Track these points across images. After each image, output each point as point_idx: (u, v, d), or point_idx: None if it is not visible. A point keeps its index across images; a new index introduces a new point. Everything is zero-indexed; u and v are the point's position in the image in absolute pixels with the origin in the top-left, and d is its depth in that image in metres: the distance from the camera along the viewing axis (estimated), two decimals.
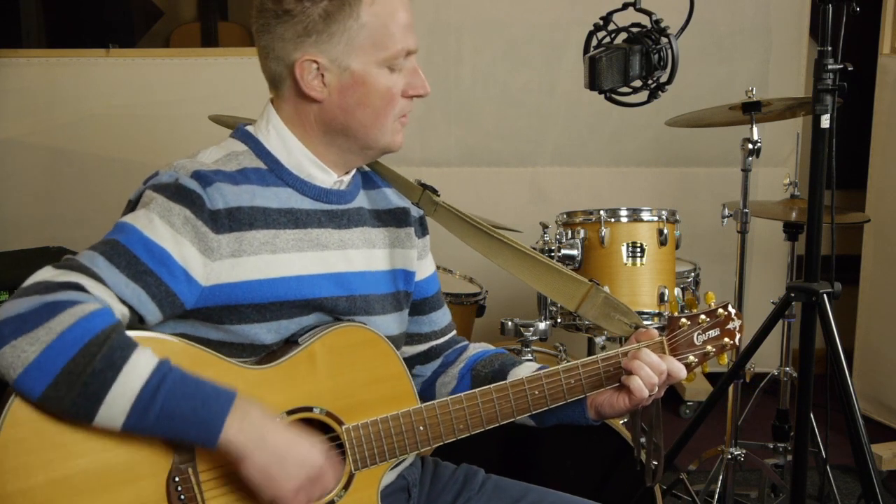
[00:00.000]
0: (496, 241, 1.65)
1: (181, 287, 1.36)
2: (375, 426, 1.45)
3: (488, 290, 2.85)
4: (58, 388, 1.21)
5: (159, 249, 1.34)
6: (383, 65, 1.45)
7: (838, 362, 2.10)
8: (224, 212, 1.39)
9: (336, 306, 1.49)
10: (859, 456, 2.09)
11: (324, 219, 1.52)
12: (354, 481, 1.45)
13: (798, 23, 3.77)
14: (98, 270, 1.30)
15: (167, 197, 1.38)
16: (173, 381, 1.26)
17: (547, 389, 1.52)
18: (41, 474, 1.23)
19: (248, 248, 1.41)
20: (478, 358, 1.68)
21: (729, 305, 1.64)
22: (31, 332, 1.21)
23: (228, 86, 3.52)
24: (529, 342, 2.42)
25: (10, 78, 3.50)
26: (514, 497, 1.62)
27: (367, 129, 1.48)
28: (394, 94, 1.47)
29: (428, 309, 1.70)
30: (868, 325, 3.69)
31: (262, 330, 1.42)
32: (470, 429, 1.50)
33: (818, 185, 2.09)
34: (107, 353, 1.23)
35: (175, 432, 1.27)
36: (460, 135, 3.77)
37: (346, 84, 1.45)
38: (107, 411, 1.23)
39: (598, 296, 1.64)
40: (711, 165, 3.79)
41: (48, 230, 3.44)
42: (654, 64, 1.75)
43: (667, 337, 1.58)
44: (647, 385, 1.49)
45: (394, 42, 1.44)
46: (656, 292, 2.60)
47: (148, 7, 4.98)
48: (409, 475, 1.62)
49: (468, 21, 3.70)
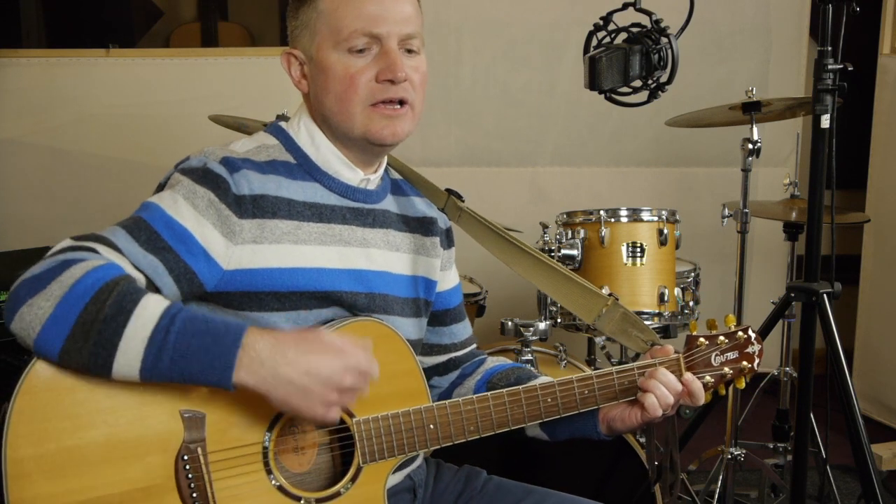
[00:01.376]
0: (518, 249, 1.66)
1: (200, 266, 1.37)
2: (386, 421, 1.45)
3: (488, 290, 2.84)
4: (75, 339, 1.22)
5: (181, 228, 1.36)
6: (339, 48, 1.46)
7: (838, 362, 2.10)
8: (249, 198, 1.41)
9: (355, 302, 1.49)
10: (859, 456, 2.09)
11: (349, 215, 1.53)
12: (362, 475, 1.45)
13: (798, 23, 3.77)
14: (116, 241, 1.32)
15: (193, 179, 1.40)
16: (183, 320, 1.26)
17: (560, 398, 1.52)
18: (53, 442, 1.25)
19: (269, 235, 1.42)
20: (495, 371, 1.68)
21: (749, 329, 1.62)
22: (44, 289, 1.23)
23: (228, 86, 3.52)
24: (529, 342, 2.42)
25: (10, 78, 3.50)
26: (516, 498, 1.62)
27: (337, 116, 1.49)
28: (352, 76, 1.46)
29: (449, 320, 1.70)
30: (868, 325, 3.69)
31: (280, 319, 1.43)
32: (480, 431, 1.50)
33: (818, 185, 2.09)
34: (117, 299, 1.24)
35: (191, 375, 1.26)
36: (460, 135, 3.77)
37: (314, 73, 1.50)
38: (122, 357, 1.23)
39: (616, 311, 1.63)
40: (711, 165, 3.79)
41: (48, 230, 3.43)
42: (654, 64, 1.75)
43: (684, 355, 1.57)
44: (661, 405, 1.49)
45: (345, 25, 1.46)
46: (656, 292, 2.60)
47: (148, 7, 4.98)
48: (416, 476, 1.62)
49: (468, 21, 3.70)
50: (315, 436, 1.45)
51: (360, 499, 1.45)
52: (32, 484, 1.24)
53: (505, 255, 1.67)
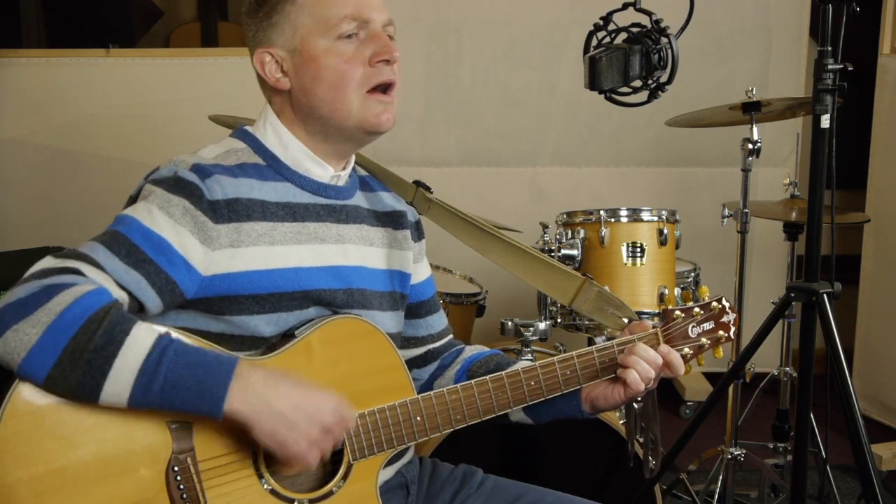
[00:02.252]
0: (489, 236, 1.66)
1: (181, 276, 1.37)
2: (373, 416, 1.46)
3: (488, 290, 2.85)
4: (62, 367, 1.22)
5: (158, 238, 1.36)
6: (328, 36, 1.47)
7: (838, 362, 2.10)
8: (223, 202, 1.41)
9: (334, 299, 1.50)
10: (859, 456, 2.09)
11: (322, 213, 1.53)
12: (353, 471, 1.46)
13: (798, 23, 3.77)
14: (97, 258, 1.32)
15: (166, 189, 1.40)
16: (175, 352, 1.27)
17: (543, 380, 1.52)
18: (41, 465, 1.24)
19: (246, 238, 1.43)
20: (474, 359, 1.69)
21: (723, 299, 1.65)
22: (31, 315, 1.22)
23: (228, 86, 3.52)
24: (529, 342, 2.42)
25: (10, 78, 3.50)
26: (513, 496, 1.62)
27: (331, 106, 1.49)
28: (344, 62, 1.47)
29: (424, 312, 1.71)
30: (868, 325, 3.69)
31: (261, 322, 1.43)
32: (467, 419, 1.51)
33: (818, 185, 2.09)
34: (107, 328, 1.24)
35: (181, 403, 1.27)
36: (460, 135, 3.77)
37: (299, 65, 1.49)
38: (111, 387, 1.24)
39: (591, 290, 1.65)
40: (711, 165, 3.79)
41: (48, 230, 3.43)
42: (654, 64, 1.75)
43: (661, 328, 1.59)
44: (643, 379, 1.50)
45: (332, 12, 1.47)
46: (656, 292, 2.60)
47: (148, 7, 4.97)
48: (407, 472, 1.62)
49: (468, 21, 3.70)
50: None
51: (353, 496, 1.46)
52: None
53: (477, 242, 1.68)
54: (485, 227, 1.66)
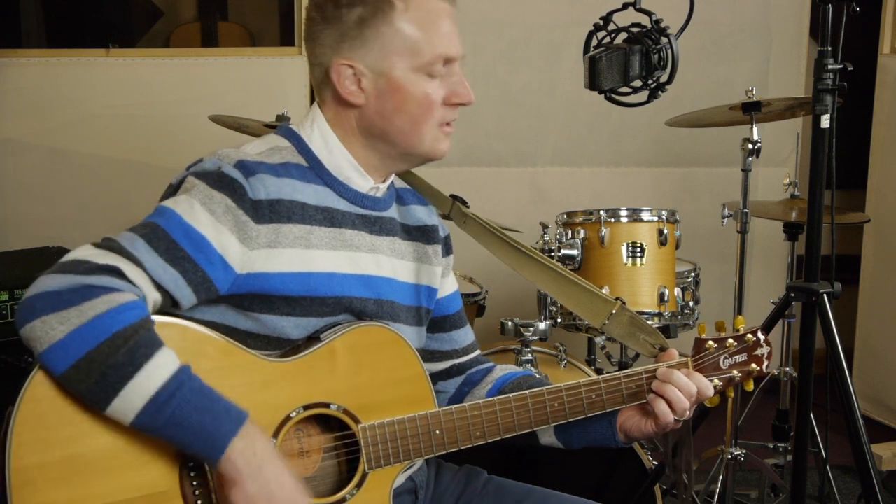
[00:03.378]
0: (524, 255, 1.65)
1: (218, 274, 1.37)
2: (392, 427, 1.45)
3: (488, 290, 2.84)
4: (78, 371, 1.22)
5: (198, 236, 1.35)
6: (420, 71, 1.46)
7: (838, 362, 2.10)
8: (266, 202, 1.40)
9: (364, 308, 1.49)
10: (859, 456, 2.09)
11: (358, 222, 1.52)
12: (367, 480, 1.45)
13: (798, 23, 3.77)
14: (138, 254, 1.31)
15: (209, 184, 1.39)
16: (190, 390, 1.26)
17: (567, 402, 1.51)
18: (58, 450, 1.25)
19: (283, 240, 1.42)
20: (505, 380, 1.67)
21: (759, 331, 1.61)
22: (62, 311, 1.22)
23: (228, 86, 3.52)
24: (529, 342, 2.42)
25: (10, 78, 3.49)
26: (516, 498, 1.62)
27: (406, 136, 1.49)
28: (432, 100, 1.47)
29: (449, 327, 1.70)
30: (868, 325, 3.69)
31: (289, 324, 1.43)
32: (486, 436, 1.50)
33: (818, 185, 2.09)
34: (132, 347, 1.23)
35: (182, 440, 1.27)
36: (460, 135, 3.73)
37: (383, 90, 1.46)
38: (120, 405, 1.24)
39: (623, 314, 1.63)
40: (711, 165, 3.79)
41: (48, 230, 3.43)
42: (654, 64, 1.76)
43: (692, 358, 1.57)
44: (677, 411, 1.49)
45: (429, 49, 1.45)
46: (656, 292, 2.60)
47: (148, 7, 4.97)
48: (417, 477, 1.62)
49: (468, 21, 3.68)
50: (320, 440, 1.45)
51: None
52: (37, 492, 1.24)
53: (512, 260, 1.67)
54: (521, 248, 1.65)
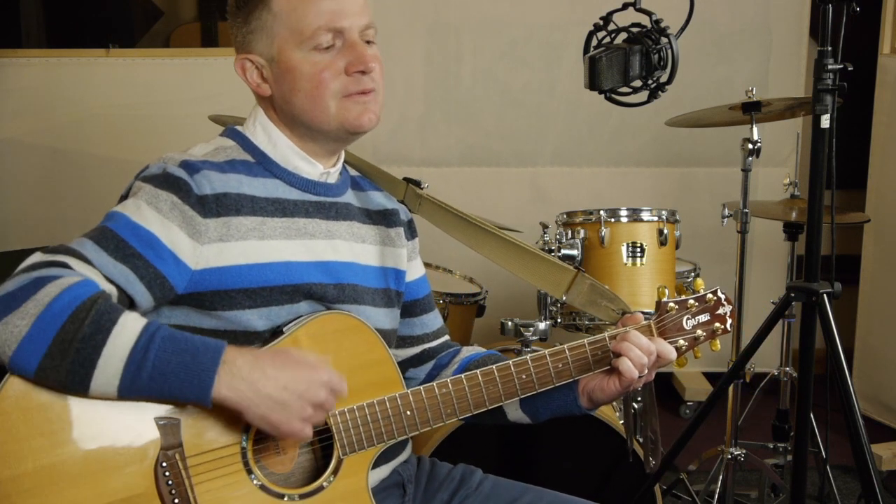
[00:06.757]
0: (481, 230, 1.67)
1: (170, 270, 1.38)
2: (362, 411, 1.46)
3: (488, 290, 2.84)
4: (52, 357, 1.23)
5: (146, 233, 1.37)
6: (303, 47, 1.47)
7: (838, 362, 2.10)
8: (211, 197, 1.42)
9: (325, 294, 1.50)
10: (859, 456, 2.09)
11: (311, 209, 1.54)
12: (343, 466, 1.45)
13: (798, 23, 3.76)
14: (85, 252, 1.33)
15: (154, 185, 1.42)
16: (162, 339, 1.28)
17: (534, 372, 1.51)
18: (29, 462, 1.25)
19: (235, 232, 1.44)
20: (471, 359, 1.69)
21: (719, 290, 1.64)
22: (20, 308, 1.24)
23: (228, 86, 3.48)
24: (529, 342, 2.42)
25: (10, 78, 3.50)
26: (512, 497, 1.62)
27: (310, 114, 1.50)
28: (321, 74, 1.47)
29: (419, 311, 1.71)
30: (868, 325, 3.69)
31: (253, 316, 1.44)
32: (457, 413, 1.51)
33: (818, 185, 2.09)
34: (95, 317, 1.25)
35: (170, 390, 1.28)
36: (460, 135, 3.77)
37: (278, 74, 1.50)
38: (101, 375, 1.25)
39: (583, 282, 1.65)
40: (711, 165, 3.79)
41: (48, 230, 3.44)
42: (654, 64, 1.75)
43: (654, 320, 1.58)
44: (636, 366, 1.49)
45: (307, 24, 1.46)
46: (656, 292, 2.60)
47: (148, 7, 4.97)
48: (403, 471, 1.62)
49: (468, 21, 3.70)
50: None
51: (344, 491, 1.46)
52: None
53: (469, 238, 1.68)
54: (475, 222, 1.67)
